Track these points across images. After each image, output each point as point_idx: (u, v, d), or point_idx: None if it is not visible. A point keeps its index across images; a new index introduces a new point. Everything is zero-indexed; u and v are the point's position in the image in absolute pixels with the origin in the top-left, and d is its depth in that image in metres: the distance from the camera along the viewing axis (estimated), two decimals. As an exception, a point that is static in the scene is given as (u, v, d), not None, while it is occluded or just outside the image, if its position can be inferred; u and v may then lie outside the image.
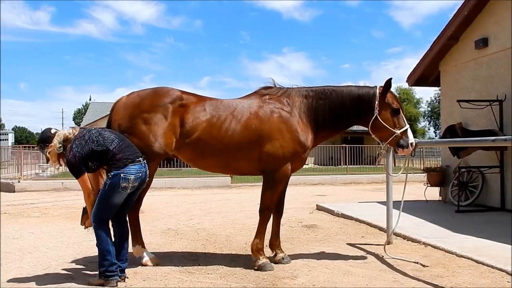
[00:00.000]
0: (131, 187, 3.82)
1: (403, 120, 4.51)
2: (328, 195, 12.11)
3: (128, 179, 3.76)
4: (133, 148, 3.99)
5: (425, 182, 9.63)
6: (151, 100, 4.41)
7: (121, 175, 3.75)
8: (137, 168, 3.85)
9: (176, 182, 15.08)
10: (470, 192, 8.45)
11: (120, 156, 3.80)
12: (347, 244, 5.61)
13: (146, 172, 3.97)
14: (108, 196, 3.78)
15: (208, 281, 3.99)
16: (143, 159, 3.97)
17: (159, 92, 4.51)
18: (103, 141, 3.83)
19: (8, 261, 4.78)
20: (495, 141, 4.37)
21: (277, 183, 4.47)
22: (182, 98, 4.48)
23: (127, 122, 4.36)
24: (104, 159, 3.82)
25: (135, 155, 3.91)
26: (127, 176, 3.75)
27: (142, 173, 3.89)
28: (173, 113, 4.38)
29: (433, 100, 56.01)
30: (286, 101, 4.57)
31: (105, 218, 3.88)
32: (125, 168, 3.77)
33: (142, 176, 3.90)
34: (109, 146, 3.82)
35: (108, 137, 3.89)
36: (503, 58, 7.91)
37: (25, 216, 8.28)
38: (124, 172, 3.76)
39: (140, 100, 4.45)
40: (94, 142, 3.81)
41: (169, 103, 4.40)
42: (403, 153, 4.54)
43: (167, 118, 4.35)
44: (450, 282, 3.91)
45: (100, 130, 4.01)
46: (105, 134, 3.92)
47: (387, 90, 4.50)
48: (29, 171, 17.35)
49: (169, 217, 8.12)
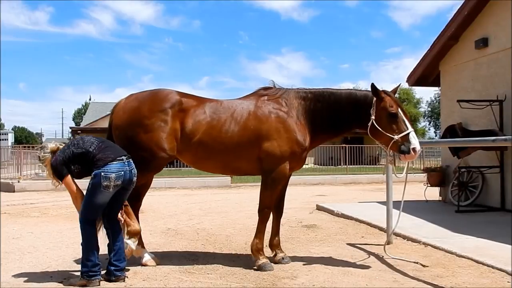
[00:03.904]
0: (113, 186, 3.79)
1: (403, 125, 4.27)
2: (328, 195, 12.11)
3: (108, 177, 3.75)
4: (114, 148, 3.98)
5: (425, 182, 9.64)
6: (150, 105, 4.39)
7: (101, 174, 3.76)
8: (118, 167, 3.82)
9: (176, 182, 15.08)
10: (470, 192, 8.45)
11: (100, 156, 3.82)
12: (347, 244, 5.60)
13: (130, 171, 3.91)
14: (92, 196, 3.82)
15: (208, 281, 3.98)
16: (127, 158, 3.94)
17: (158, 96, 4.48)
18: (82, 144, 3.91)
19: (8, 261, 4.78)
20: (495, 141, 4.36)
21: (276, 183, 4.47)
22: (182, 102, 4.45)
23: (128, 131, 4.36)
24: (86, 161, 3.86)
25: (117, 154, 3.89)
26: (107, 175, 3.75)
27: (124, 171, 3.84)
28: (173, 118, 4.37)
29: (433, 100, 56.10)
30: (285, 102, 4.55)
31: (91, 218, 3.90)
32: (105, 167, 3.77)
33: (125, 175, 3.85)
34: (89, 148, 3.87)
35: (88, 140, 3.96)
36: (503, 58, 7.91)
37: (25, 216, 8.28)
38: (104, 170, 3.76)
39: (138, 105, 4.43)
40: (74, 145, 3.92)
41: (169, 107, 4.38)
42: (406, 159, 4.28)
43: (167, 123, 4.34)
44: (450, 282, 3.91)
45: (84, 136, 4.10)
46: (86, 138, 4.00)
47: (378, 95, 4.32)
48: (28, 171, 17.34)
49: (169, 217, 8.12)
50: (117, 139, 4.41)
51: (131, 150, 4.28)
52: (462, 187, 8.39)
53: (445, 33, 8.96)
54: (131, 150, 4.29)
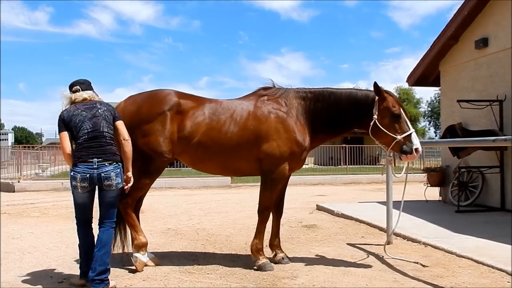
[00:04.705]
0: (80, 187, 3.72)
1: (406, 125, 4.27)
2: (328, 195, 12.10)
3: (75, 177, 3.72)
4: (93, 148, 3.76)
5: (425, 182, 9.64)
6: (148, 108, 4.38)
7: (71, 173, 3.77)
8: (84, 169, 3.69)
9: (176, 182, 15.08)
10: (470, 192, 8.45)
11: (75, 154, 3.78)
12: (347, 244, 5.60)
13: (99, 174, 3.71)
14: (72, 195, 3.86)
15: (208, 281, 3.98)
16: (101, 160, 3.73)
17: (156, 98, 4.46)
18: (76, 132, 3.79)
19: (8, 261, 4.78)
20: (495, 141, 4.36)
21: (275, 183, 4.46)
22: (180, 104, 4.42)
23: None
24: None
25: (90, 155, 3.73)
26: (74, 175, 3.73)
27: (90, 174, 3.69)
28: (171, 120, 4.35)
29: (433, 100, 56.03)
30: (284, 102, 4.54)
31: (77, 216, 3.91)
32: (74, 167, 3.75)
33: (91, 177, 3.70)
34: (77, 136, 3.79)
35: (84, 128, 3.77)
36: (503, 58, 7.91)
37: (25, 216, 8.28)
38: (73, 170, 3.76)
39: (137, 108, 4.41)
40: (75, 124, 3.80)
41: (167, 110, 4.36)
42: (408, 160, 4.28)
43: (165, 126, 4.32)
44: (450, 282, 3.91)
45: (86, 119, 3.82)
46: (84, 125, 3.79)
47: (380, 94, 4.32)
48: (29, 171, 17.34)
49: (169, 217, 8.12)
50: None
51: None
52: (462, 187, 8.39)
53: (445, 33, 8.96)
54: None
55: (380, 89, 4.32)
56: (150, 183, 4.56)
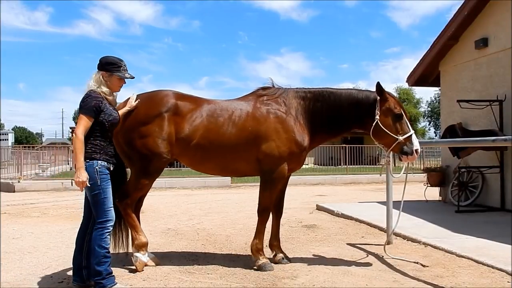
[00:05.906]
0: None
1: (406, 126, 4.29)
2: (328, 195, 12.10)
3: None
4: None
5: (425, 182, 9.64)
6: (145, 110, 4.35)
7: None
8: None
9: (176, 182, 15.08)
10: (470, 192, 8.45)
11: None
12: (347, 244, 5.60)
13: None
14: None
15: (208, 281, 3.98)
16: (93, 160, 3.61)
17: (153, 100, 4.43)
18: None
19: (8, 261, 4.78)
20: (495, 141, 4.37)
21: (275, 183, 4.46)
22: (177, 105, 4.39)
23: (125, 137, 4.31)
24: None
25: None
26: None
27: None
28: (168, 122, 4.33)
29: (433, 100, 56.03)
30: (283, 102, 4.52)
31: None
32: None
33: None
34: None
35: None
36: (503, 58, 7.91)
37: (25, 216, 8.28)
38: None
39: (134, 110, 4.38)
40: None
41: (164, 112, 4.33)
42: (408, 160, 4.30)
43: (163, 128, 4.29)
44: (450, 282, 3.91)
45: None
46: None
47: (382, 95, 4.32)
48: (29, 171, 17.33)
49: (169, 217, 8.12)
50: (117, 145, 4.34)
51: (130, 155, 4.29)
52: (462, 187, 8.40)
53: (445, 33, 8.97)
54: (129, 155, 4.30)
55: (382, 89, 4.32)
56: (150, 184, 4.54)
